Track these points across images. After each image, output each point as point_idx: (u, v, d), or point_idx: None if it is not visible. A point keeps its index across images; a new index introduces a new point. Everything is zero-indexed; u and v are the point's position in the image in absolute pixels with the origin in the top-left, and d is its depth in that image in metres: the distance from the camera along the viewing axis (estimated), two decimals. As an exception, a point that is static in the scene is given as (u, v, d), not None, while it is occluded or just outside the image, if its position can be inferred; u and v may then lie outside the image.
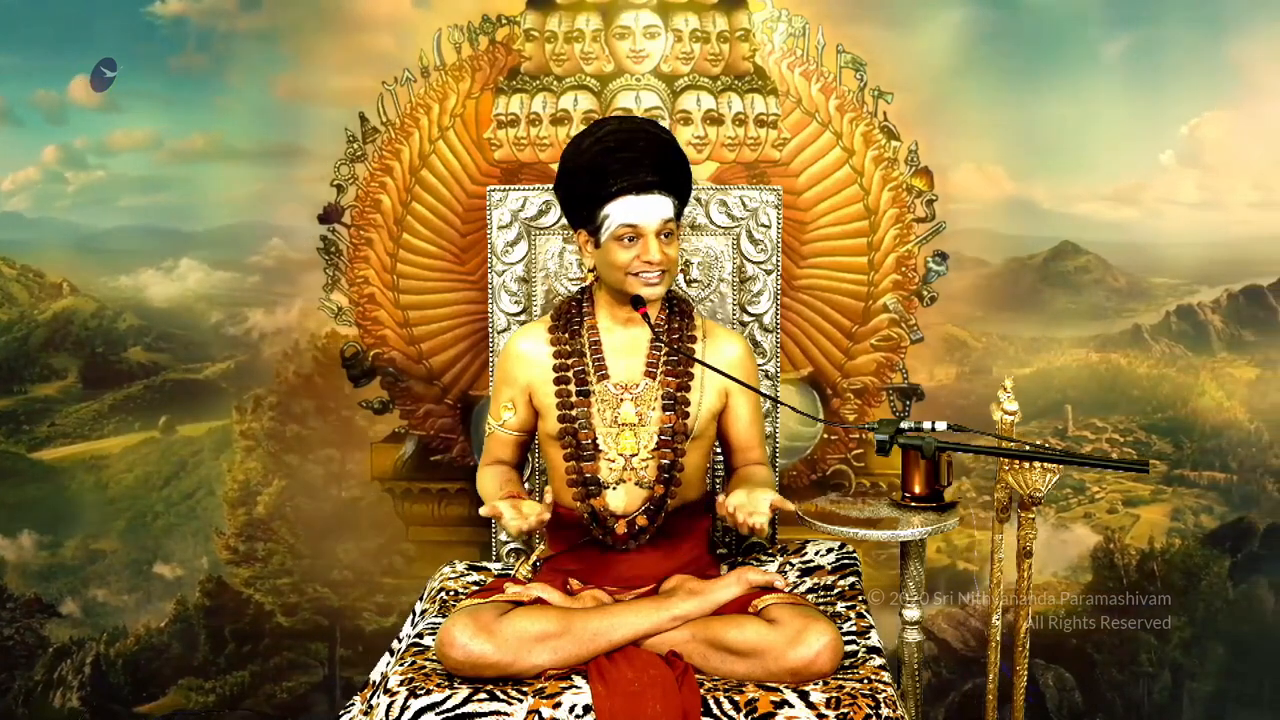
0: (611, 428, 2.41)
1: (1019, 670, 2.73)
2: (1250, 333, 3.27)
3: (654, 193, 2.31)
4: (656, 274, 2.34)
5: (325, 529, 3.33)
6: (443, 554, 3.11)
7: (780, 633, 2.15)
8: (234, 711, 3.38)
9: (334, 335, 3.29)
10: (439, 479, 3.32)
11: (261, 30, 3.25)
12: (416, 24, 3.19)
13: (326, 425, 3.31)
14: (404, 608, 3.28)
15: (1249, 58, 3.13)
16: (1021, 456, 2.53)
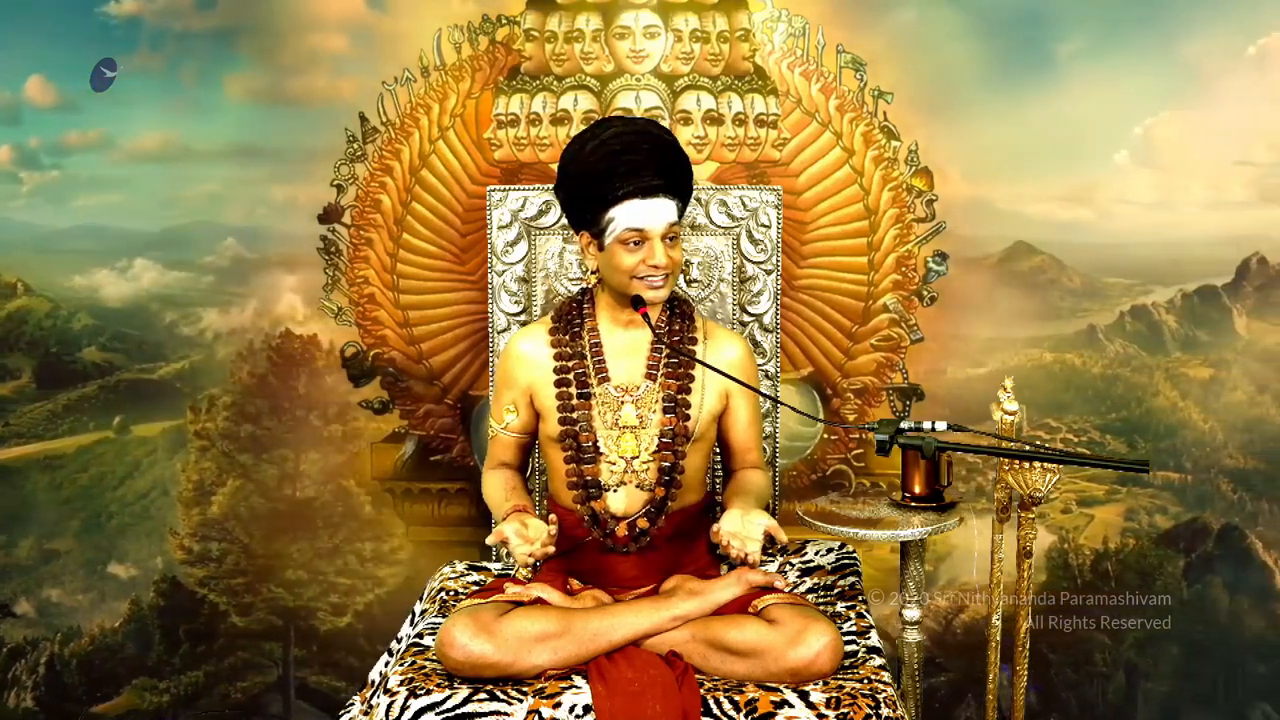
0: (612, 430, 2.41)
1: (1019, 670, 2.73)
2: (1204, 333, 3.27)
3: (659, 196, 2.30)
4: (661, 277, 2.33)
5: (279, 529, 3.34)
6: (443, 554, 3.12)
7: (780, 633, 2.15)
8: (188, 711, 3.38)
9: (289, 336, 3.30)
10: (439, 479, 3.32)
11: (215, 30, 3.25)
12: (370, 25, 3.21)
13: (281, 425, 3.32)
14: (358, 607, 3.35)
15: (1203, 58, 3.13)
16: (1021, 456, 2.53)
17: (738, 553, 2.22)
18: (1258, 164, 3.20)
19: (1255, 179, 3.20)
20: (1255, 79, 3.12)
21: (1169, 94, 3.16)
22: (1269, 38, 3.13)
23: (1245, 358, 3.26)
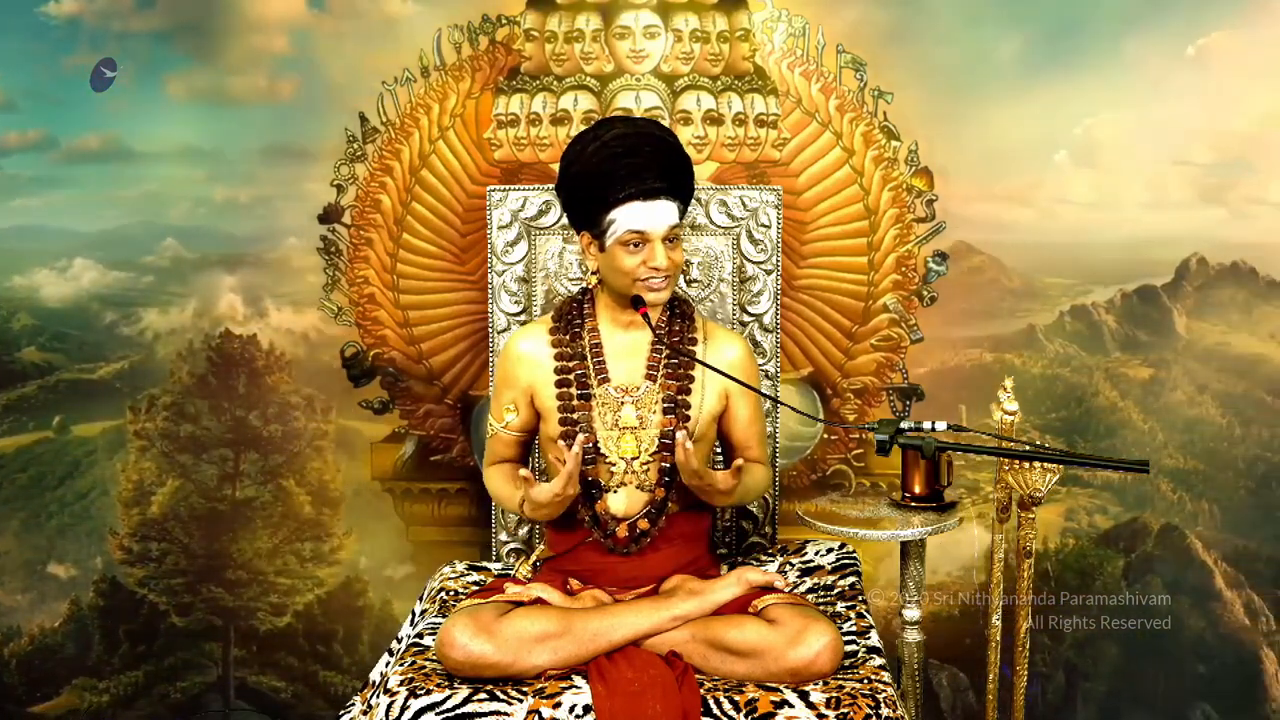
0: (612, 431, 2.41)
1: (1019, 670, 2.73)
2: (1144, 333, 3.27)
3: (660, 198, 2.30)
4: (662, 279, 2.33)
5: (219, 529, 3.34)
6: (443, 554, 3.12)
7: (780, 633, 2.15)
8: (128, 711, 3.38)
9: (229, 336, 3.30)
10: (439, 479, 3.32)
11: (156, 30, 3.25)
12: (310, 25, 3.21)
13: (220, 425, 3.32)
14: (298, 607, 3.37)
15: (1143, 59, 3.13)
16: (1021, 456, 2.54)
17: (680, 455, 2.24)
18: (1197, 164, 3.20)
19: (1195, 179, 3.20)
20: (1194, 79, 3.13)
21: (1109, 94, 3.16)
22: (1208, 38, 3.14)
23: (1185, 358, 3.27)
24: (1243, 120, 3.16)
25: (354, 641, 3.36)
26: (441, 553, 3.18)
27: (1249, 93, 3.14)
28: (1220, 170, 3.19)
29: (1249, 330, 3.25)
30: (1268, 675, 3.29)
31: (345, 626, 3.36)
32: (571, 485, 2.28)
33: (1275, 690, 3.29)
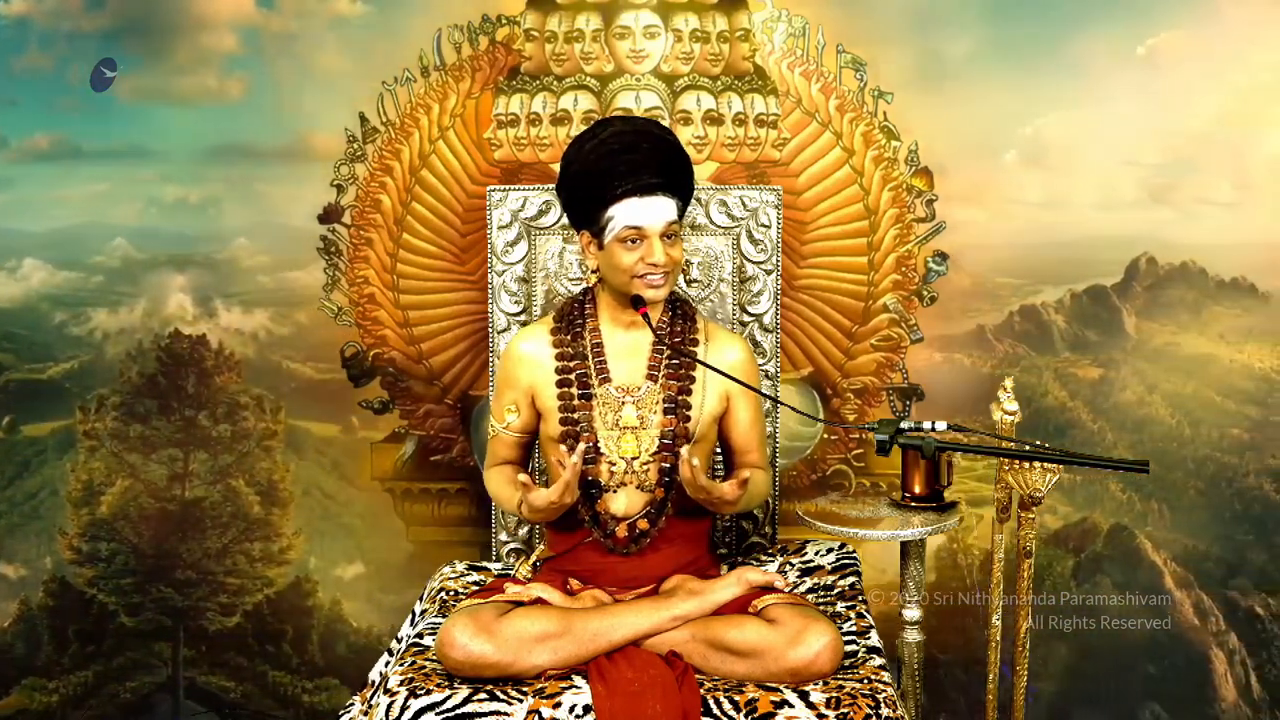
0: (613, 430, 2.41)
1: (1019, 670, 2.73)
2: (1094, 333, 3.27)
3: (657, 194, 2.31)
4: (660, 276, 2.34)
5: (169, 529, 3.34)
6: (443, 554, 3.12)
7: (780, 633, 2.15)
8: (78, 711, 3.37)
9: (178, 336, 3.31)
10: (439, 479, 3.32)
11: (105, 31, 3.25)
12: (260, 24, 3.21)
13: (170, 425, 3.33)
14: (247, 607, 3.37)
15: (1092, 58, 3.13)
16: (1021, 456, 2.54)
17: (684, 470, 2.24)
18: (1146, 164, 3.20)
19: (1144, 179, 3.20)
20: (1144, 79, 3.13)
21: (1058, 94, 3.16)
22: (1158, 38, 3.14)
23: (1134, 358, 3.27)
24: (1192, 120, 3.16)
25: (303, 641, 3.37)
26: (441, 553, 3.18)
27: (1198, 93, 3.15)
28: (1170, 170, 3.19)
29: (1198, 330, 3.25)
30: (1217, 675, 3.30)
31: (295, 626, 3.37)
32: (569, 494, 2.27)
33: (1225, 690, 3.29)
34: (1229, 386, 3.25)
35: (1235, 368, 3.24)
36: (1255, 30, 3.11)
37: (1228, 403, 3.25)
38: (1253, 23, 3.11)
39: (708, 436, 2.48)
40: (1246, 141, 3.17)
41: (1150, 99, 3.14)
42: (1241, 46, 3.12)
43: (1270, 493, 3.26)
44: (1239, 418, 3.25)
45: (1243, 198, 3.19)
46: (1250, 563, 3.28)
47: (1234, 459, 3.24)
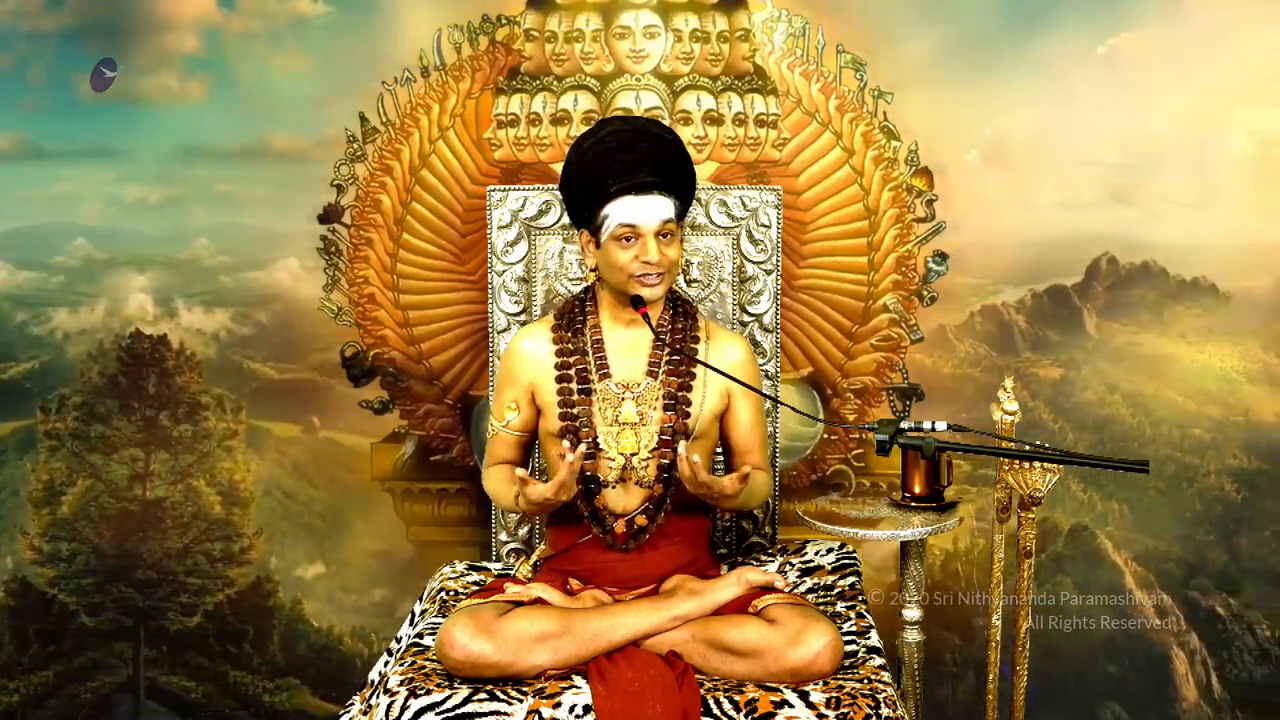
0: (612, 426, 2.41)
1: (1019, 670, 2.73)
2: (1054, 333, 3.27)
3: (653, 193, 2.32)
4: (655, 275, 2.34)
5: (130, 529, 3.34)
6: (443, 554, 3.11)
7: (780, 633, 2.15)
8: (39, 711, 3.37)
9: (139, 336, 3.31)
10: (439, 479, 3.32)
11: (65, 30, 3.24)
12: (221, 24, 3.22)
13: (131, 425, 3.33)
14: (208, 607, 3.37)
15: (1053, 58, 3.13)
16: (1021, 456, 2.54)
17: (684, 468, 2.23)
18: (1107, 164, 3.20)
19: (1105, 179, 3.20)
20: (1105, 79, 3.13)
21: (1019, 94, 3.16)
22: (1118, 38, 3.14)
23: (1095, 358, 3.27)
24: (1153, 120, 3.16)
25: (264, 641, 3.37)
26: (441, 553, 3.18)
27: (1160, 93, 3.15)
28: (1131, 170, 3.19)
29: (1159, 330, 3.25)
30: (1178, 675, 3.30)
31: (255, 626, 3.37)
32: (565, 491, 2.27)
33: (1185, 690, 3.30)
34: (1190, 386, 3.25)
35: (1196, 368, 3.24)
36: (1217, 31, 3.11)
37: (1189, 403, 3.26)
38: (1215, 23, 3.11)
39: (708, 434, 2.48)
40: (1208, 141, 3.17)
41: (1112, 99, 3.14)
42: (1203, 47, 3.12)
43: (1231, 493, 3.27)
44: (1200, 418, 3.25)
45: (1204, 198, 3.19)
46: (1211, 563, 3.29)
47: (1195, 459, 3.24)
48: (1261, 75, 3.13)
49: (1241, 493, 3.26)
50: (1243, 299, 3.22)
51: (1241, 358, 3.25)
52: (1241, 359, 3.25)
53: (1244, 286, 3.22)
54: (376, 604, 3.36)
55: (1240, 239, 3.19)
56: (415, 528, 3.34)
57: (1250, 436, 3.24)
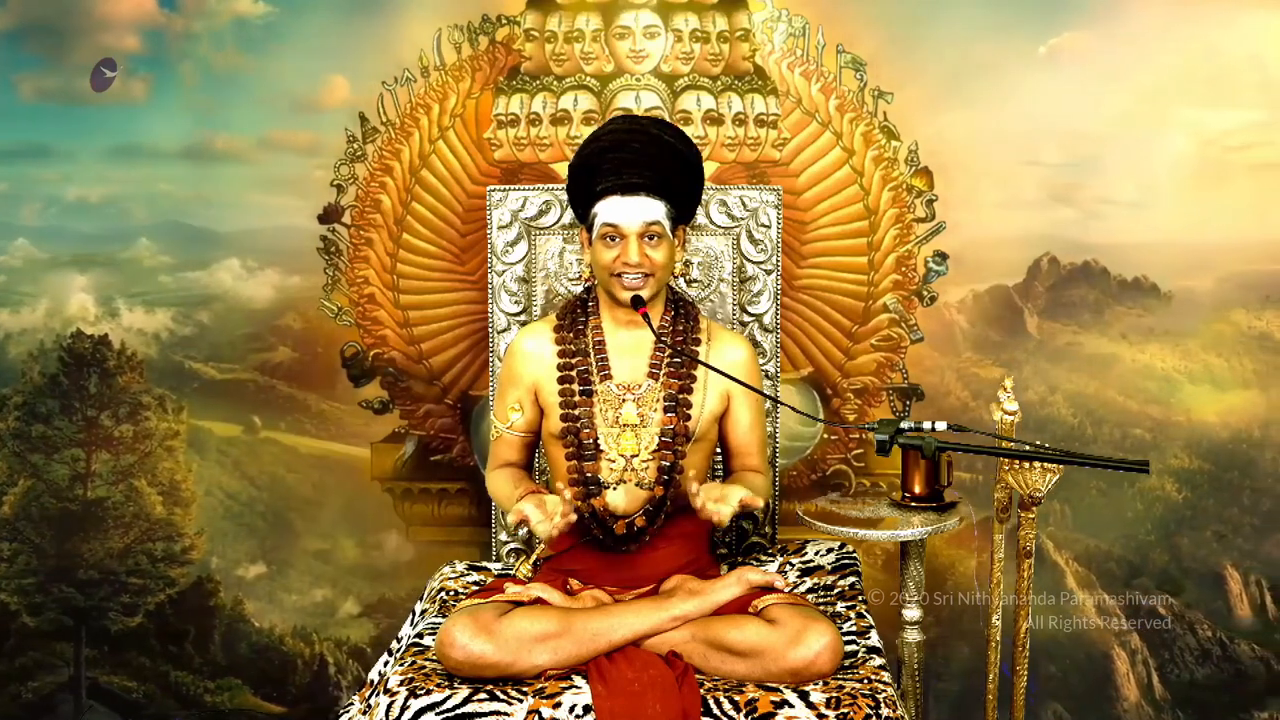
0: (613, 428, 2.41)
1: (1019, 670, 2.73)
2: (996, 333, 3.26)
3: (640, 194, 2.33)
4: (638, 276, 2.35)
5: (71, 528, 3.34)
6: (443, 554, 3.12)
7: (780, 633, 2.15)
8: None
9: (80, 336, 3.31)
10: (439, 479, 3.32)
11: (6, 30, 3.25)
12: (163, 25, 3.22)
13: (72, 425, 3.33)
14: (149, 607, 3.37)
15: (994, 58, 3.13)
16: (1021, 456, 2.54)
17: (712, 507, 2.19)
18: (1048, 164, 3.20)
19: (1045, 179, 3.20)
20: (1046, 79, 3.13)
21: (960, 94, 3.16)
22: (1059, 38, 3.14)
23: (1036, 358, 3.27)
24: (1094, 120, 3.16)
25: (205, 641, 3.38)
26: (441, 553, 3.18)
27: (1099, 93, 3.15)
28: (1071, 170, 3.19)
29: (1100, 330, 3.25)
30: (1119, 675, 3.30)
31: (197, 626, 3.38)
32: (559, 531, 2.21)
33: (1126, 689, 3.30)
34: (1131, 386, 3.25)
35: (1137, 367, 3.25)
36: (1157, 31, 3.12)
37: (1130, 403, 3.26)
38: (1154, 24, 3.12)
39: (708, 436, 2.48)
40: (1149, 142, 3.17)
41: (1052, 99, 3.14)
42: (1143, 48, 3.12)
43: (1172, 493, 3.27)
44: (1141, 418, 3.26)
45: (1145, 197, 3.20)
46: (1152, 563, 3.29)
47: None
48: (1201, 76, 3.14)
49: (1183, 493, 3.27)
50: (1183, 299, 3.22)
51: (1182, 357, 3.25)
52: (1182, 359, 3.25)
53: (1185, 286, 3.22)
54: (318, 604, 3.37)
55: (1181, 239, 3.20)
56: (415, 528, 3.34)
57: (1191, 436, 3.24)
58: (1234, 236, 3.19)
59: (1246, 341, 3.24)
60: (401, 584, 3.33)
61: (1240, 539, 3.29)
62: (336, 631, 3.37)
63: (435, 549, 3.28)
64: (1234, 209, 3.17)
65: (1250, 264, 3.21)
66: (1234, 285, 3.22)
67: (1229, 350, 3.25)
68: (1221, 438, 3.25)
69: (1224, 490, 3.27)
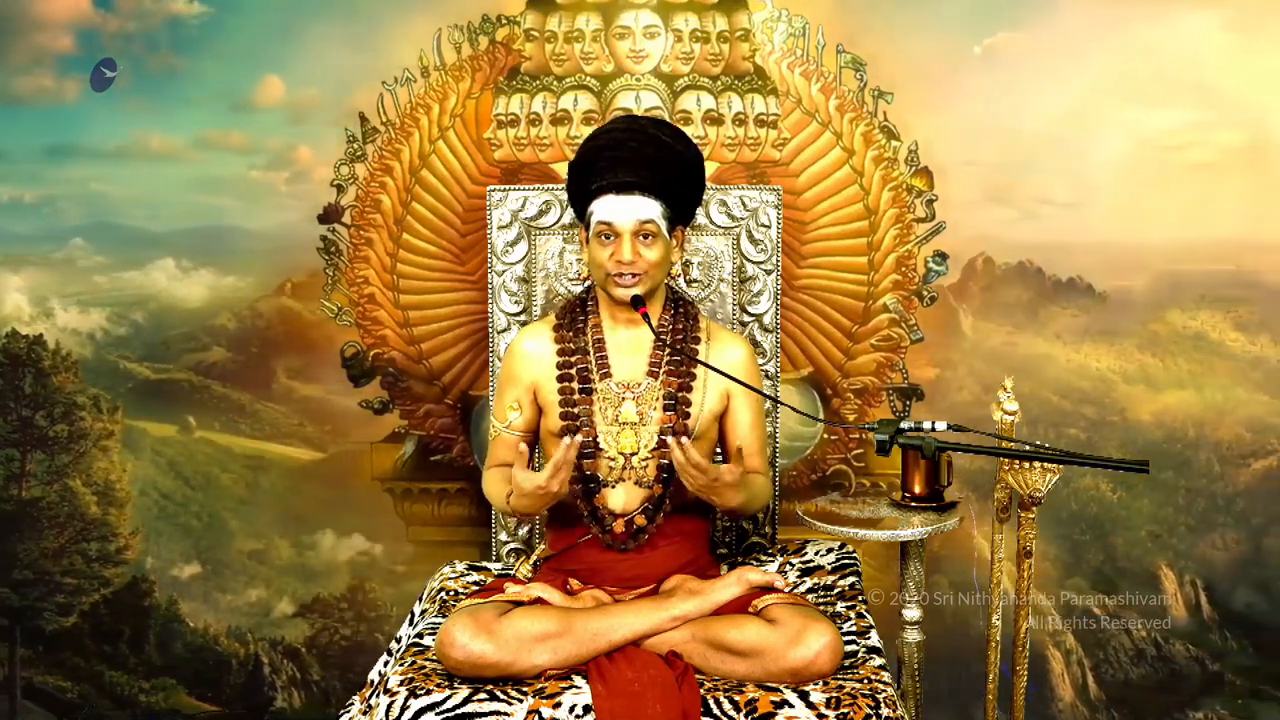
0: (612, 426, 2.41)
1: (1019, 670, 2.73)
2: (931, 333, 3.25)
3: (634, 193, 2.33)
4: (630, 275, 2.35)
5: (5, 528, 3.34)
6: (443, 554, 3.12)
7: (780, 633, 2.15)
8: None
9: (15, 336, 3.31)
10: (439, 479, 3.32)
11: None
12: (98, 25, 3.22)
13: (7, 425, 3.34)
14: (84, 607, 3.37)
15: (929, 58, 3.12)
16: (1021, 456, 2.54)
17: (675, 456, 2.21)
18: (983, 164, 3.19)
19: (980, 179, 3.20)
20: (981, 79, 3.13)
21: (895, 94, 3.15)
22: (994, 38, 3.14)
23: (971, 358, 3.26)
24: (1029, 120, 3.16)
25: (140, 641, 3.38)
26: (441, 553, 3.18)
27: (1035, 93, 3.15)
28: (1007, 170, 3.19)
29: (1035, 330, 3.25)
30: (1054, 675, 3.31)
31: (132, 626, 3.38)
32: (557, 481, 2.23)
33: (1061, 690, 3.31)
34: (1066, 386, 3.25)
35: (1072, 367, 3.25)
36: (1093, 31, 3.12)
37: (1064, 403, 3.26)
38: (1090, 24, 3.12)
39: (708, 435, 2.48)
40: (1084, 142, 3.17)
41: (987, 99, 3.14)
42: (1080, 48, 3.12)
43: (1106, 493, 3.28)
44: (1076, 418, 3.26)
45: (1080, 197, 3.20)
46: (1086, 563, 3.29)
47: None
48: (1137, 76, 3.14)
49: (1117, 493, 3.28)
50: (1119, 299, 3.23)
51: (1117, 357, 3.26)
52: (1117, 359, 3.26)
53: (1120, 286, 3.23)
54: (253, 604, 3.38)
55: (1116, 239, 3.20)
56: (415, 528, 3.34)
57: (1126, 436, 3.24)
58: (1170, 236, 3.19)
59: (1181, 341, 3.25)
60: (336, 583, 3.34)
61: (1175, 539, 3.30)
62: (271, 631, 3.38)
63: (435, 549, 3.28)
64: (1170, 209, 3.18)
65: (1186, 264, 3.21)
66: (1169, 285, 3.23)
67: (1164, 350, 3.26)
68: (1156, 437, 3.26)
69: (1159, 490, 3.28)
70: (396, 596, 3.34)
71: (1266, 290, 3.21)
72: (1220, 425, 3.26)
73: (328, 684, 3.38)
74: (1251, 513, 3.29)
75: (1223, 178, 3.16)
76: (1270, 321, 3.22)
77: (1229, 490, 3.28)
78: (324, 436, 3.34)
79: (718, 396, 2.47)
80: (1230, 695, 3.32)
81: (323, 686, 3.38)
